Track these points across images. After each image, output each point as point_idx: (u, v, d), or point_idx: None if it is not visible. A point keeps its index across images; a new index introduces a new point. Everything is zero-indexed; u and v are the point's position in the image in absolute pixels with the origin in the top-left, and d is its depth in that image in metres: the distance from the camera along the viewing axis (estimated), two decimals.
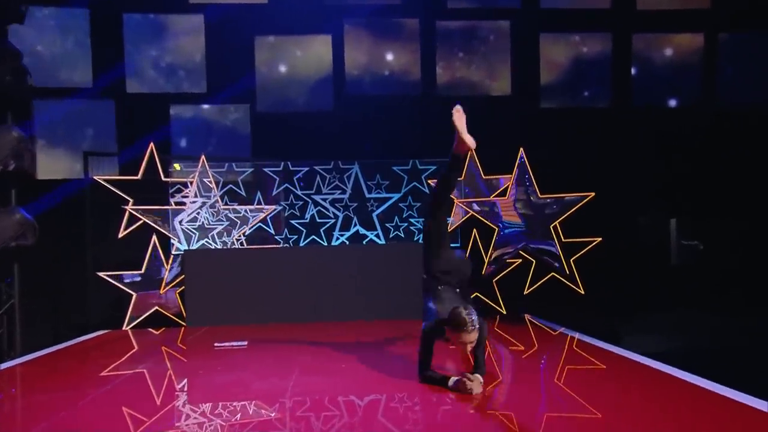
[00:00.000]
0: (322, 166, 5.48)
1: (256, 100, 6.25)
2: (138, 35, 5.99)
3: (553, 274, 5.78)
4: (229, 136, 6.16)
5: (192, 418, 2.50)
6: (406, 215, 5.59)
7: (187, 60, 6.13)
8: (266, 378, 3.14)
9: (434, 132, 6.20)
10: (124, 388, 3.04)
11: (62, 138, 5.65)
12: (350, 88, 6.50)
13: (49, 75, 5.69)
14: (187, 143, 6.05)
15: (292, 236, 5.42)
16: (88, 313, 5.03)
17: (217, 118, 6.22)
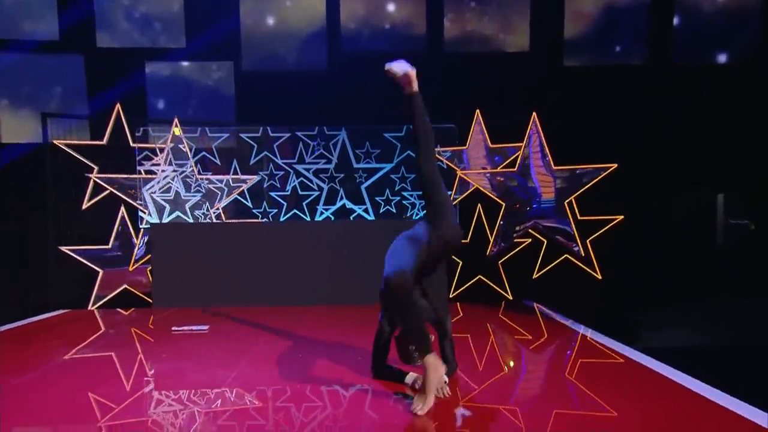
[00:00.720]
0: (305, 132, 4.81)
1: (241, 57, 5.58)
2: None
3: (567, 256, 5.08)
4: (211, 98, 5.54)
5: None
6: (399, 188, 4.92)
7: (164, 10, 5.46)
8: (208, 368, 2.79)
9: (440, 93, 5.47)
10: (54, 372, 2.75)
11: (27, 98, 5.13)
12: (346, 44, 5.74)
13: (11, 26, 5.14)
14: (165, 105, 5.46)
15: (272, 210, 4.82)
16: (50, 291, 4.62)
17: (198, 76, 5.59)
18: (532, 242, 5.10)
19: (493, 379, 2.58)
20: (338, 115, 5.27)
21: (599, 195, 5.11)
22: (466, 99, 5.31)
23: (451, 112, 5.36)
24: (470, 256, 5.06)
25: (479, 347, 3.24)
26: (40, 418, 2.10)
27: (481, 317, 4.27)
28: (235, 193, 4.67)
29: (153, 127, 4.78)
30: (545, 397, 2.43)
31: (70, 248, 4.48)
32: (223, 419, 2.00)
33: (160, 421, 2.06)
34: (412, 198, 4.92)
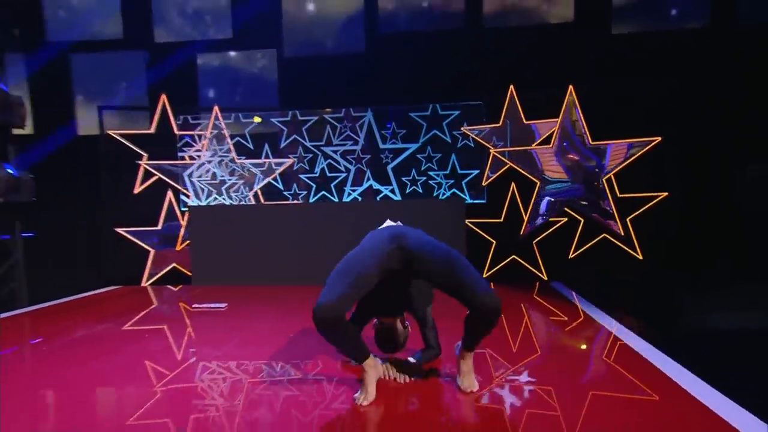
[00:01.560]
0: (332, 115, 4.91)
1: (284, 44, 5.77)
2: None
3: (605, 235, 4.86)
4: (256, 84, 5.80)
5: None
6: (425, 168, 4.91)
7: (213, 4, 5.75)
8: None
9: (477, 69, 5.36)
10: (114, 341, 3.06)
11: (98, 92, 5.67)
12: (384, 26, 5.74)
13: (83, 29, 5.67)
14: (215, 93, 5.80)
15: (302, 192, 5.00)
16: (106, 269, 5.14)
17: (244, 65, 5.86)
18: (568, 221, 4.93)
19: (527, 360, 2.57)
20: (376, 96, 5.33)
21: (643, 171, 4.82)
22: (503, 75, 5.15)
23: (487, 89, 5.25)
24: (504, 236, 5.00)
25: (513, 328, 3.21)
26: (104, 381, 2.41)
27: (514, 298, 4.17)
28: (271, 176, 4.90)
29: (194, 115, 5.08)
30: (580, 377, 2.35)
31: (125, 229, 4.96)
32: (261, 389, 2.13)
33: (207, 387, 2.25)
34: (438, 177, 4.90)
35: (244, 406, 1.94)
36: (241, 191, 4.92)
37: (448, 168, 4.85)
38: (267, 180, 4.91)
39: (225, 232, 4.68)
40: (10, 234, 4.64)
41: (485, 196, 4.87)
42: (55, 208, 5.03)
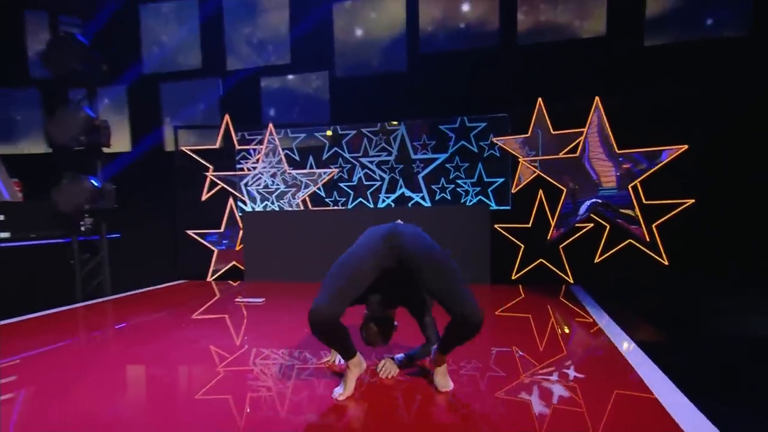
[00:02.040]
0: (368, 129, 5.44)
1: (335, 66, 6.43)
2: (235, 16, 6.59)
3: (630, 241, 5.00)
4: (310, 103, 6.50)
5: None
6: (453, 176, 5.29)
7: (275, 34, 6.54)
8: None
9: (511, 83, 5.69)
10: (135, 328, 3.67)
11: (182, 115, 6.64)
12: (423, 46, 6.23)
13: (170, 61, 6.69)
14: (275, 112, 6.58)
15: (341, 198, 5.57)
16: (178, 265, 5.96)
17: (300, 86, 6.59)
18: (594, 227, 5.12)
19: (554, 359, 2.70)
20: (413, 110, 5.82)
21: (670, 178, 4.91)
22: (531, 88, 5.45)
23: (514, 102, 5.56)
24: (532, 240, 5.27)
25: (540, 328, 3.44)
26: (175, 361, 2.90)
27: (540, 300, 4.41)
28: (318, 185, 5.51)
29: (251, 132, 5.81)
30: (603, 377, 2.42)
31: (194, 231, 5.78)
32: (306, 374, 2.45)
33: (259, 371, 2.62)
34: (466, 185, 5.26)
35: (293, 388, 2.29)
36: (289, 198, 5.58)
37: (475, 176, 5.22)
38: (313, 189, 5.54)
39: (275, 235, 5.35)
40: (98, 235, 5.52)
41: (510, 202, 5.18)
42: (138, 213, 5.98)
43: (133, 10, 6.72)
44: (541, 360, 2.67)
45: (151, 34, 6.74)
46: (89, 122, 4.69)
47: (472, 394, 2.21)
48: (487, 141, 5.10)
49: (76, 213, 4.91)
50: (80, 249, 5.25)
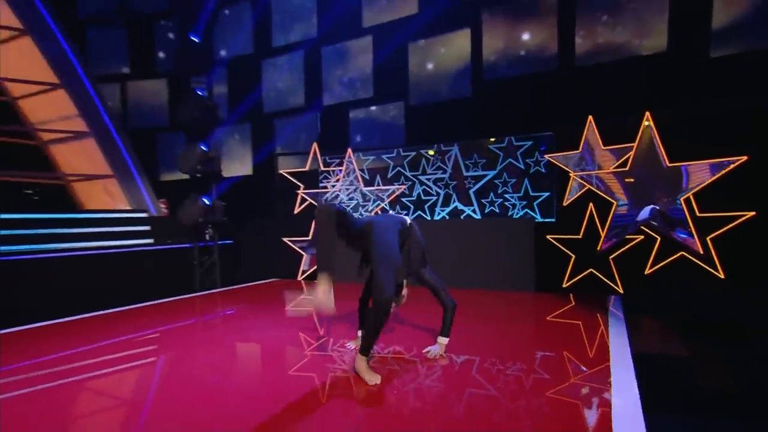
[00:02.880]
0: (425, 149, 6.04)
1: (410, 96, 7.24)
2: (330, 61, 7.80)
3: (683, 253, 4.88)
4: (388, 129, 7.39)
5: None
6: (501, 191, 5.61)
7: (361, 73, 7.59)
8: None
9: (564, 103, 5.92)
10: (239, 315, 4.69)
11: (291, 144, 8.02)
12: (487, 74, 6.73)
13: (282, 101, 8.14)
14: (360, 138, 7.59)
15: (403, 211, 6.22)
16: (274, 266, 7.09)
17: (380, 115, 7.51)
18: (645, 239, 5.07)
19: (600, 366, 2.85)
20: (482, 130, 6.30)
21: (729, 190, 4.71)
22: (588, 106, 5.59)
23: (570, 119, 5.73)
24: (583, 251, 5.39)
25: (590, 335, 3.60)
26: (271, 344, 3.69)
27: (588, 308, 4.52)
28: (388, 199, 6.26)
29: (332, 156, 6.77)
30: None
31: (288, 239, 6.89)
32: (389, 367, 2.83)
33: (337, 357, 3.06)
34: (513, 199, 5.55)
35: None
36: (360, 212, 6.41)
37: (522, 191, 5.51)
38: (382, 204, 6.32)
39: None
40: (212, 242, 6.85)
41: (554, 215, 5.36)
42: (249, 223, 7.34)
43: (257, 63, 8.34)
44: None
45: (270, 80, 8.29)
46: (204, 155, 6.12)
47: (515, 392, 2.43)
48: (532, 158, 5.40)
49: (193, 225, 6.35)
50: (200, 252, 6.60)
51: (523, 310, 4.69)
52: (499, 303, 4.85)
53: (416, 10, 7.16)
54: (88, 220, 6.47)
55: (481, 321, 3.99)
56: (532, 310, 4.72)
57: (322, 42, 7.83)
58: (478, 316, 4.15)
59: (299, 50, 8.03)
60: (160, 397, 2.51)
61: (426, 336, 3.48)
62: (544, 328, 4.02)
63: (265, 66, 8.32)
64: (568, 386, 2.49)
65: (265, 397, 2.43)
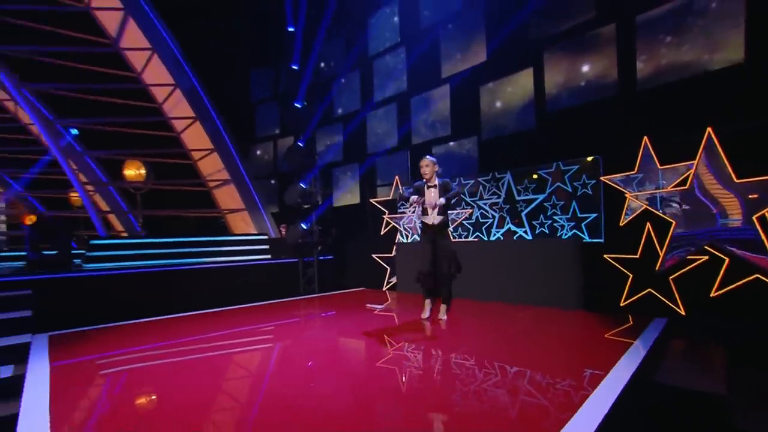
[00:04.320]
0: (483, 178, 5.94)
1: (482, 132, 7.31)
2: (417, 108, 8.33)
3: (758, 276, 4.01)
4: (465, 161, 7.52)
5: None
6: (550, 213, 5.21)
7: (441, 115, 7.94)
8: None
9: (624, 126, 5.39)
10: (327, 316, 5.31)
11: (388, 177, 8.69)
12: (549, 106, 6.46)
13: (381, 144, 8.92)
14: (441, 170, 7.83)
15: (464, 233, 6.17)
16: (368, 277, 7.62)
17: (457, 149, 7.69)
18: (709, 259, 4.27)
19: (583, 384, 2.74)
20: (542, 158, 6.09)
21: None
22: (647, 126, 5.03)
23: (633, 141, 5.18)
24: (641, 270, 4.75)
25: (603, 353, 3.38)
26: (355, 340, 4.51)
27: (629, 328, 4.13)
28: (457, 222, 6.35)
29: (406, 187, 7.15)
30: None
31: (377, 255, 7.39)
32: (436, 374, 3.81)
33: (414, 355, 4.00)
34: (562, 221, 5.12)
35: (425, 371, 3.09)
36: None
37: (570, 213, 5.08)
38: (456, 224, 6.43)
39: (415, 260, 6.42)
40: (312, 257, 7.78)
41: (602, 235, 4.81)
42: (348, 242, 8.10)
43: (362, 116, 9.33)
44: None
45: (372, 128, 9.19)
46: (303, 191, 7.11)
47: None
48: (580, 181, 5.00)
49: (295, 244, 7.31)
50: (303, 265, 7.56)
51: (561, 327, 4.36)
52: (542, 319, 4.58)
53: (485, 58, 7.29)
54: (229, 241, 7.93)
55: (521, 335, 3.91)
56: (574, 327, 4.35)
57: (410, 94, 8.43)
58: (521, 331, 4.06)
59: (393, 103, 8.76)
60: (279, 368, 3.35)
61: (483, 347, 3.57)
62: (567, 344, 3.74)
63: (369, 117, 9.26)
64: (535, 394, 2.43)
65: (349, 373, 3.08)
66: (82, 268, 5.80)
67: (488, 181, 5.75)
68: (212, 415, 2.47)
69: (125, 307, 5.17)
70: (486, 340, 3.79)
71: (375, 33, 9.15)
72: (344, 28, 9.60)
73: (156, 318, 5.09)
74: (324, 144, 10.18)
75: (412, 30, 8.46)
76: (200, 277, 6.05)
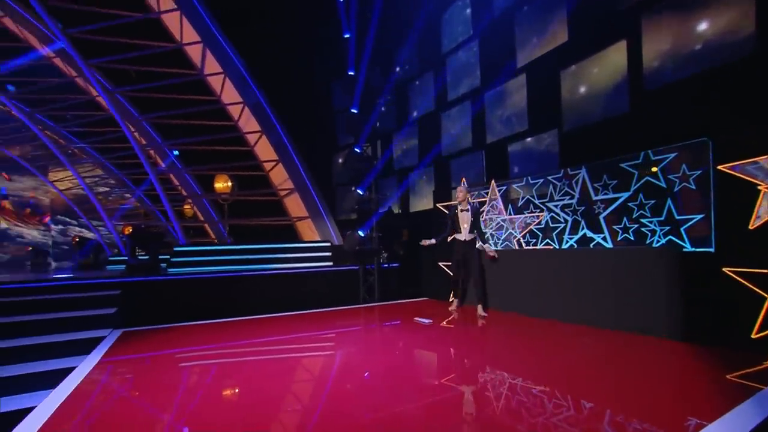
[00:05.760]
0: (553, 176, 4.70)
1: (563, 123, 6.06)
2: (491, 103, 7.37)
3: None
4: (543, 158, 6.33)
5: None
6: (637, 215, 3.78)
7: (516, 109, 6.85)
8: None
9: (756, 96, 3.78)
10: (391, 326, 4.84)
11: (458, 181, 7.87)
12: (648, 83, 4.98)
13: (455, 145, 8.15)
14: (518, 169, 6.76)
15: (532, 240, 4.96)
16: (432, 287, 6.80)
17: (535, 146, 6.51)
18: None
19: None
20: (639, 145, 4.69)
21: None
22: None
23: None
24: None
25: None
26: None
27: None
28: (530, 227, 5.24)
29: (476, 188, 6.18)
30: None
31: (443, 263, 6.54)
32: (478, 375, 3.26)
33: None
34: (652, 225, 3.66)
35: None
36: (495, 239, 5.57)
37: (663, 214, 3.63)
38: (525, 231, 5.33)
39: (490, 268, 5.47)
40: (374, 265, 7.16)
41: (712, 243, 3.29)
42: (415, 249, 7.45)
43: (437, 117, 8.69)
44: None
45: (447, 129, 8.48)
46: (360, 198, 6.71)
47: None
48: (678, 173, 3.55)
49: (352, 252, 6.91)
50: (364, 273, 7.01)
51: (656, 359, 3.14)
52: (625, 347, 3.39)
53: (566, 38, 6.03)
54: (291, 248, 7.86)
55: (603, 365, 2.95)
56: (673, 360, 3.09)
57: (484, 89, 7.52)
58: (602, 360, 3.09)
59: (467, 100, 7.93)
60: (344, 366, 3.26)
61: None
62: (668, 382, 2.61)
63: (443, 118, 8.56)
64: None
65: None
66: (167, 272, 6.46)
67: (559, 179, 4.59)
68: (238, 420, 2.27)
69: (196, 309, 5.49)
70: (554, 365, 2.93)
71: (448, 29, 8.44)
72: (417, 29, 9.12)
73: (221, 320, 5.31)
74: (400, 149, 9.80)
75: (485, 20, 7.54)
76: (265, 283, 6.20)
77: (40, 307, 4.54)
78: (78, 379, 3.03)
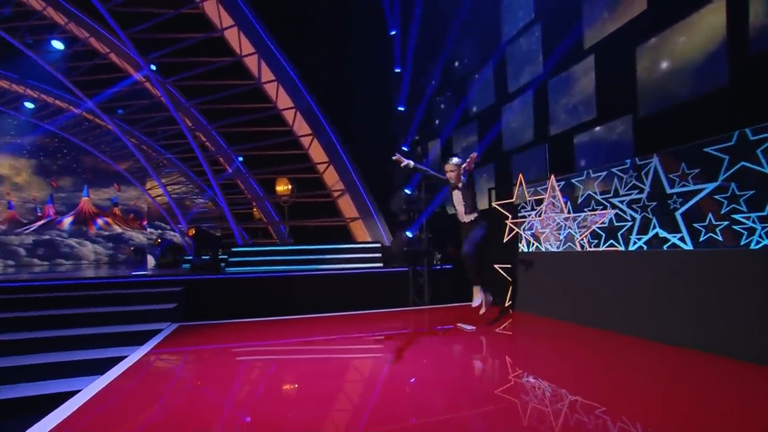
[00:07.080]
0: (618, 168, 3.75)
1: (638, 107, 5.01)
2: (555, 91, 6.46)
3: None
4: (615, 148, 5.31)
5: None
6: (726, 210, 2.75)
7: (583, 96, 5.88)
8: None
9: None
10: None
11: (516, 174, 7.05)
12: (755, 45, 3.83)
13: (516, 139, 7.34)
14: (585, 162, 5.79)
15: (594, 240, 4.02)
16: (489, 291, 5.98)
17: (605, 135, 5.49)
18: None
19: None
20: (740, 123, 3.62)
21: None
22: None
23: None
24: None
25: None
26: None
27: None
28: (592, 227, 4.39)
29: (532, 185, 5.35)
30: None
31: (498, 265, 5.84)
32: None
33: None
34: (749, 222, 2.63)
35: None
36: (556, 239, 4.73)
37: (766, 209, 2.60)
38: (586, 231, 4.48)
39: (541, 273, 4.70)
40: (424, 267, 6.67)
41: None
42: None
43: (498, 110, 7.94)
44: None
45: (507, 122, 7.69)
46: (408, 198, 6.28)
47: None
48: None
49: (400, 253, 6.51)
50: (414, 275, 6.61)
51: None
52: (715, 374, 2.57)
53: (645, 6, 4.97)
54: (341, 249, 7.66)
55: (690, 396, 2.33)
56: None
57: (547, 77, 6.62)
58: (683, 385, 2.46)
59: (529, 90, 7.07)
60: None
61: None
62: None
63: (504, 111, 7.78)
64: None
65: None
66: (225, 271, 6.85)
67: (625, 171, 3.71)
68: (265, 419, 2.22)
69: (248, 307, 5.70)
70: (619, 388, 2.38)
71: (507, 16, 7.65)
72: (477, 20, 8.43)
73: (272, 318, 5.43)
74: (460, 146, 9.17)
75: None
76: (314, 283, 6.19)
77: (110, 301, 5.05)
78: (127, 365, 3.24)
